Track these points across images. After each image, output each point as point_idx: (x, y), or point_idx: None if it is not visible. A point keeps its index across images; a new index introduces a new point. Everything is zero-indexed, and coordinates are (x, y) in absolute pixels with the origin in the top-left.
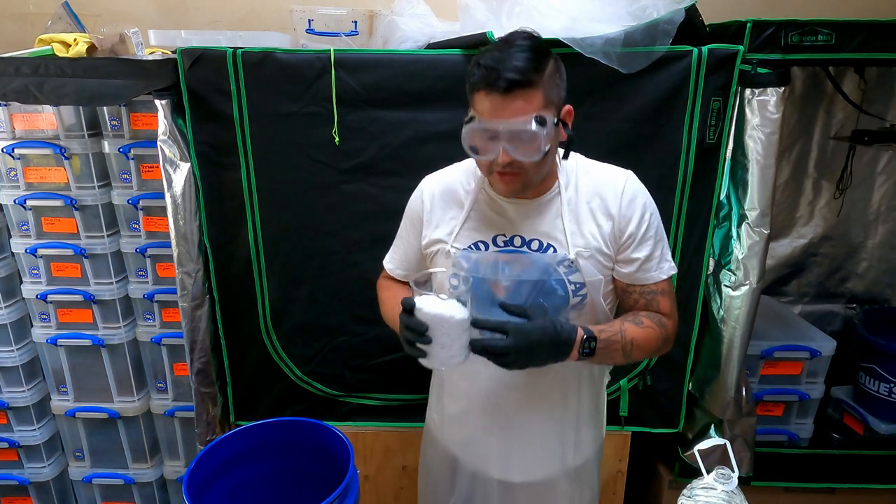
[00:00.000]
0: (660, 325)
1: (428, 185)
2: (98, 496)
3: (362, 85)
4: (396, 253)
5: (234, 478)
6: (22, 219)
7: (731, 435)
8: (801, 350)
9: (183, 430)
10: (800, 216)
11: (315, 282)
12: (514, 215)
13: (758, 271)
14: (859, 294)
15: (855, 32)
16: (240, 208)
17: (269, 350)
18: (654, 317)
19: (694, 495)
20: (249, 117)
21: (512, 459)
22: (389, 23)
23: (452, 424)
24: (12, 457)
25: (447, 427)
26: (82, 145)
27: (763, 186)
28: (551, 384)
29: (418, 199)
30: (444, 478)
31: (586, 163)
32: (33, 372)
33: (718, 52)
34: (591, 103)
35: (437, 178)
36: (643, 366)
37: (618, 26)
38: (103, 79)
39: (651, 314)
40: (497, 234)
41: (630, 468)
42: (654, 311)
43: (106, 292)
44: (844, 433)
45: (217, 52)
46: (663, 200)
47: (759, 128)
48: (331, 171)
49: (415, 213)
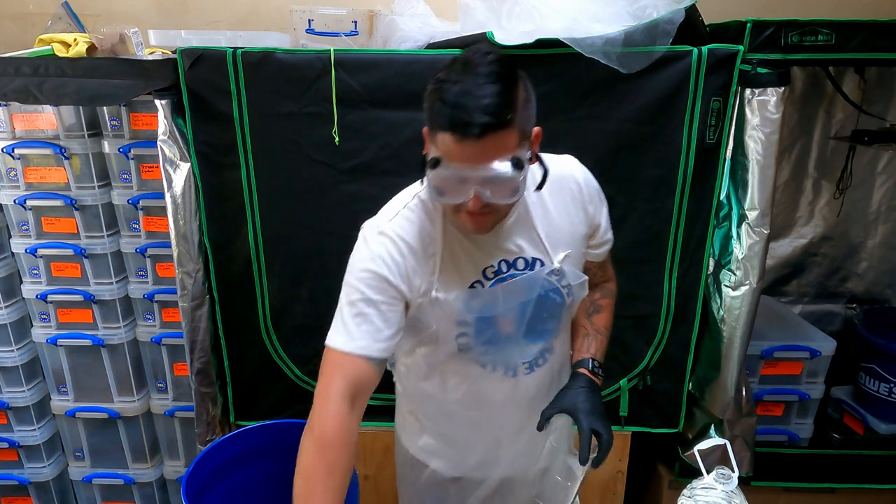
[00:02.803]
0: (611, 295)
1: (387, 242)
2: (98, 496)
3: (362, 85)
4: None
5: (233, 480)
6: (22, 219)
7: (731, 435)
8: (801, 350)
9: (183, 430)
10: (800, 216)
11: (315, 282)
12: (490, 242)
13: (758, 271)
14: (859, 294)
15: (855, 32)
16: (240, 208)
17: (269, 350)
18: (604, 290)
19: (694, 495)
20: (249, 117)
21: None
22: (389, 23)
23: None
24: (12, 457)
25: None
26: (82, 145)
27: (763, 186)
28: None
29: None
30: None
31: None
32: (33, 372)
33: (718, 52)
34: (591, 103)
35: (394, 229)
36: (643, 366)
37: (618, 26)
38: (103, 79)
39: (603, 289)
40: (484, 267)
41: (630, 468)
42: (603, 280)
43: (106, 292)
44: (844, 433)
45: (217, 52)
46: (663, 200)
47: (759, 128)
48: (331, 171)
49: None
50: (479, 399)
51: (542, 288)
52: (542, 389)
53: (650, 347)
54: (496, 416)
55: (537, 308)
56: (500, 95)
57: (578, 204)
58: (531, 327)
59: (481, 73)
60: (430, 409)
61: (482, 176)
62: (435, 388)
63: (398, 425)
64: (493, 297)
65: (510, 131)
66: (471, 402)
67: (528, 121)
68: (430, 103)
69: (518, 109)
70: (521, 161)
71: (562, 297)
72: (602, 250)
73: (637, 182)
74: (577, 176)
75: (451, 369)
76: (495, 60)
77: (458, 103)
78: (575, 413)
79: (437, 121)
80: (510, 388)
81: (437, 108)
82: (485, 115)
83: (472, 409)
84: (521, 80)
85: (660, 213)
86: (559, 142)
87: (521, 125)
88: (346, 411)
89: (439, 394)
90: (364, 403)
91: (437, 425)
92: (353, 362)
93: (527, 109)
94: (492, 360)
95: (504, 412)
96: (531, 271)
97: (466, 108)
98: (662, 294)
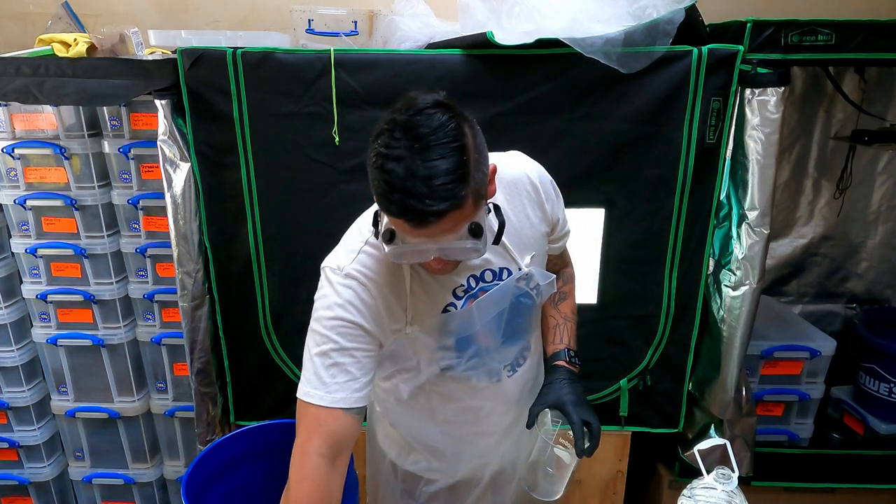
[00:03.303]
0: (571, 279)
1: (355, 285)
2: (98, 496)
3: (362, 85)
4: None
5: (233, 480)
6: (22, 219)
7: (731, 435)
8: (801, 350)
9: (183, 430)
10: (800, 216)
11: (315, 282)
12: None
13: (758, 271)
14: (859, 294)
15: (855, 32)
16: (240, 208)
17: (269, 350)
18: (564, 276)
19: (694, 495)
20: (249, 117)
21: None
22: (389, 23)
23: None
24: (12, 457)
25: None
26: (82, 145)
27: (763, 186)
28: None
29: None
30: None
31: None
32: (33, 372)
33: (718, 52)
34: (591, 103)
35: (359, 270)
36: (643, 366)
37: (618, 26)
38: (103, 79)
39: (563, 275)
40: (454, 287)
41: (630, 468)
42: (562, 266)
43: (106, 292)
44: (844, 433)
45: (217, 52)
46: (663, 200)
47: (759, 128)
48: (331, 171)
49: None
50: (465, 411)
51: (513, 295)
52: (525, 388)
53: (650, 347)
54: (484, 424)
55: (511, 315)
56: (452, 172)
57: (536, 204)
58: (507, 333)
59: (427, 142)
60: (415, 428)
61: (441, 248)
62: (419, 408)
63: (381, 441)
64: (468, 316)
65: (465, 202)
66: (458, 415)
67: (482, 179)
68: (375, 182)
69: (471, 177)
70: (479, 227)
71: (532, 298)
72: (561, 243)
73: (637, 182)
74: (530, 175)
75: (436, 390)
76: (440, 123)
77: (406, 188)
78: (563, 406)
79: (386, 206)
80: (495, 393)
81: (383, 191)
82: (438, 203)
83: (459, 423)
84: (468, 130)
85: (660, 213)
86: (559, 142)
87: (476, 189)
88: (325, 472)
89: (425, 413)
90: (347, 457)
91: (423, 443)
92: (332, 416)
93: (479, 168)
94: (475, 373)
95: (491, 418)
96: (500, 281)
97: (416, 193)
98: (662, 294)
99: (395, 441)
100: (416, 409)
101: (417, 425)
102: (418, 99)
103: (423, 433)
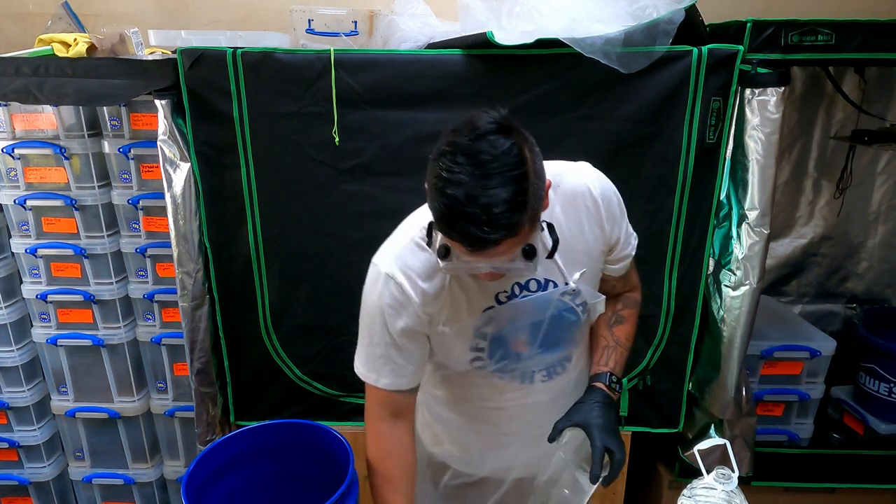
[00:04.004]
0: (634, 304)
1: (402, 282)
2: (98, 496)
3: (362, 85)
4: (394, 367)
5: (233, 481)
6: (22, 219)
7: (731, 435)
8: (801, 350)
9: (183, 430)
10: (800, 216)
11: (315, 282)
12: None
13: (758, 271)
14: (859, 294)
15: (855, 32)
16: (240, 208)
17: (269, 350)
18: (627, 300)
19: (694, 495)
20: (249, 117)
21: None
22: (389, 23)
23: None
24: (12, 457)
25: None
26: (82, 145)
27: (763, 186)
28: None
29: (400, 302)
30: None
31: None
32: (33, 372)
33: (718, 52)
34: (591, 103)
35: (404, 270)
36: (643, 365)
37: (618, 26)
38: (103, 79)
39: (625, 298)
40: (497, 292)
41: (630, 468)
42: (626, 290)
43: (106, 292)
44: (844, 433)
45: (217, 52)
46: (663, 200)
47: (759, 128)
48: (331, 171)
49: (400, 321)
50: (490, 411)
51: (555, 308)
52: (558, 398)
53: (650, 347)
54: (508, 427)
55: (551, 326)
56: (511, 201)
57: (594, 221)
58: (545, 345)
59: (488, 170)
60: (445, 418)
61: (496, 267)
62: (450, 397)
63: (419, 427)
64: (502, 316)
65: (523, 230)
66: (484, 415)
67: (539, 204)
68: (435, 203)
69: (529, 204)
70: (533, 249)
71: (577, 315)
72: (622, 265)
73: (637, 182)
74: (593, 190)
75: (467, 382)
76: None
77: (466, 214)
78: (588, 428)
79: (444, 228)
80: (523, 397)
81: (442, 215)
82: (496, 231)
83: (485, 423)
84: (528, 154)
85: (660, 213)
86: (559, 142)
87: (534, 211)
88: (387, 428)
89: (455, 403)
90: (410, 413)
91: (452, 435)
92: (384, 393)
93: (538, 193)
94: (508, 375)
95: (514, 423)
96: (543, 292)
97: (476, 220)
98: (662, 294)
99: (429, 426)
100: (446, 396)
101: (446, 412)
102: (480, 120)
103: (450, 421)
